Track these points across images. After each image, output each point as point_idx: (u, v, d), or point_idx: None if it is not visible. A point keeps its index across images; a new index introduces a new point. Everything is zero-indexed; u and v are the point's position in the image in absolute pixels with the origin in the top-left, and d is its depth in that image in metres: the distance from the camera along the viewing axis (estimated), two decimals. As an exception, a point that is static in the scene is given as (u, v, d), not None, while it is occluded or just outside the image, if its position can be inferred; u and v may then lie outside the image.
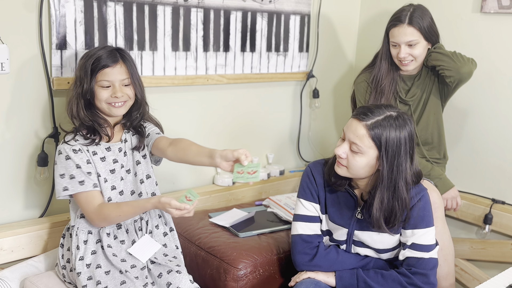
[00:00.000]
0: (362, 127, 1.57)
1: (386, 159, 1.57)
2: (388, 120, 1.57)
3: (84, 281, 1.65)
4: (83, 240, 1.70)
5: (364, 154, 1.59)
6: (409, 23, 2.12)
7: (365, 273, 1.69)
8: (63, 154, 1.67)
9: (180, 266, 1.74)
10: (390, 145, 1.56)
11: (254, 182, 1.67)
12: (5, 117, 1.88)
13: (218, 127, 2.50)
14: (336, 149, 1.63)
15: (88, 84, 1.68)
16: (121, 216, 1.66)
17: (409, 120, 1.61)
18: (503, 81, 2.39)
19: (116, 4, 2.02)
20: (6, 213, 1.95)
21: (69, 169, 1.66)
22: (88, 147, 1.71)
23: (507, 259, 2.38)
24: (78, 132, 1.72)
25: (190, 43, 2.26)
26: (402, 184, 1.59)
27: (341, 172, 1.66)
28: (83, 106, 1.70)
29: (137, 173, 1.80)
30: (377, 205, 1.61)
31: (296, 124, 2.81)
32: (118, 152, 1.77)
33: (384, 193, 1.60)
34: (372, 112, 1.58)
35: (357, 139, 1.58)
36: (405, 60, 2.17)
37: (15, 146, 1.92)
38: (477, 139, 2.46)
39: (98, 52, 1.70)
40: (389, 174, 1.58)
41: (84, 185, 1.66)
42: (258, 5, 2.46)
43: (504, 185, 2.43)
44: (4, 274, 1.80)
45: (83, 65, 1.70)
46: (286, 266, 1.97)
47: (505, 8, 2.32)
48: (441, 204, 1.99)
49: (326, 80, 2.87)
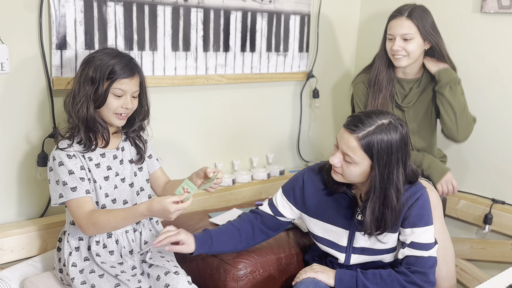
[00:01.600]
0: (354, 139, 1.57)
1: (378, 169, 1.59)
2: (379, 130, 1.57)
3: (78, 285, 1.65)
4: (74, 247, 1.70)
5: (358, 164, 1.60)
6: (408, 16, 2.13)
7: (363, 275, 1.69)
8: (57, 160, 1.64)
9: (178, 267, 1.73)
10: (381, 155, 1.57)
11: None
12: (5, 117, 1.88)
13: (218, 127, 2.50)
14: (331, 159, 1.65)
15: (103, 89, 1.65)
16: (111, 220, 1.59)
17: (401, 124, 1.61)
18: (503, 81, 2.39)
19: (116, 4, 2.02)
20: (6, 213, 1.95)
21: (62, 176, 1.63)
22: (83, 153, 1.68)
23: (507, 259, 2.38)
24: (73, 137, 1.68)
25: (190, 43, 2.26)
26: (393, 193, 1.61)
27: (338, 178, 1.68)
28: (92, 108, 1.67)
29: (134, 184, 1.79)
30: (369, 216, 1.63)
31: (296, 124, 2.81)
32: (112, 159, 1.75)
33: (375, 203, 1.62)
34: (363, 123, 1.57)
35: (350, 151, 1.59)
36: (397, 53, 2.16)
37: (15, 146, 1.92)
38: (477, 139, 2.46)
39: (115, 59, 1.66)
40: (380, 184, 1.60)
41: (77, 192, 1.62)
42: (258, 5, 2.46)
43: (504, 185, 2.43)
44: (4, 274, 1.80)
45: (98, 68, 1.65)
46: (286, 266, 1.97)
47: (505, 8, 2.32)
48: (439, 203, 1.98)
49: (326, 80, 2.87)
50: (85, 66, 1.68)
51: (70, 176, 1.63)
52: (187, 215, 2.23)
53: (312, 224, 1.82)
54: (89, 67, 1.66)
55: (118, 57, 1.68)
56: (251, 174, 2.59)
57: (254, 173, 2.61)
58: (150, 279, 1.70)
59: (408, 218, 1.67)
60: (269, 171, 2.65)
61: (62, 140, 1.69)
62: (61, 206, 2.03)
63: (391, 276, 1.67)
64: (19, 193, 1.96)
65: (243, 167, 2.64)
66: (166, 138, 2.30)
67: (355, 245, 1.75)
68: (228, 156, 2.58)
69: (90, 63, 1.67)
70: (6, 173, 1.92)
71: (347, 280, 1.69)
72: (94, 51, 1.73)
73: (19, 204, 1.97)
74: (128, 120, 1.76)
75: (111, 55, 1.68)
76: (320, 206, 1.79)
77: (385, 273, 1.69)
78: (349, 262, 1.77)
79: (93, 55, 1.70)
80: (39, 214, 2.02)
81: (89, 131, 1.69)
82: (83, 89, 1.65)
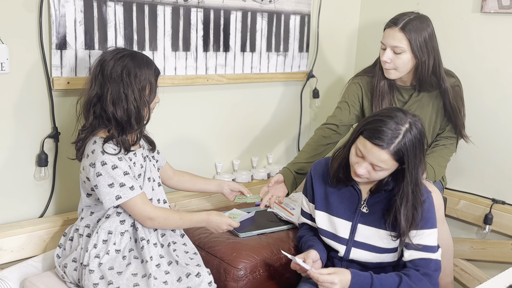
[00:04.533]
0: (385, 153, 1.58)
1: (409, 174, 1.61)
2: (406, 136, 1.58)
3: (96, 279, 1.64)
4: (102, 240, 1.70)
5: (388, 170, 1.63)
6: (402, 28, 2.03)
7: (378, 279, 1.67)
8: (109, 165, 1.65)
9: (200, 266, 1.74)
10: (411, 159, 1.60)
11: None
12: (4, 117, 1.88)
13: (218, 127, 2.50)
14: (358, 170, 1.64)
15: (154, 87, 1.74)
16: (180, 220, 1.77)
17: (418, 121, 1.62)
18: (503, 81, 2.39)
19: (116, 4, 2.02)
20: (6, 213, 1.95)
21: (118, 178, 1.65)
22: (123, 154, 1.71)
23: (507, 259, 2.38)
24: (110, 140, 1.69)
25: (190, 43, 2.26)
26: (419, 192, 1.64)
27: (362, 181, 1.71)
28: (148, 106, 1.73)
29: (150, 179, 1.82)
30: (404, 221, 1.64)
31: (296, 124, 2.81)
32: (141, 158, 1.78)
33: (408, 206, 1.64)
34: (386, 134, 1.57)
35: (381, 163, 1.60)
36: (385, 64, 2.09)
37: (15, 145, 1.92)
38: (477, 139, 2.46)
39: (148, 59, 1.74)
40: (412, 188, 1.63)
41: (135, 190, 1.68)
42: (258, 5, 2.46)
43: (504, 185, 2.43)
44: (4, 274, 1.80)
45: (149, 76, 1.71)
46: (286, 266, 1.97)
47: (505, 8, 2.32)
48: (442, 204, 1.99)
49: (326, 80, 2.87)
50: (127, 72, 1.68)
51: (125, 177, 1.67)
52: (187, 215, 2.24)
53: (318, 217, 1.84)
54: (144, 75, 1.70)
55: (142, 55, 1.75)
56: (251, 174, 2.59)
57: (254, 173, 2.61)
58: (171, 280, 1.68)
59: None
60: (269, 171, 2.65)
61: (105, 144, 1.67)
62: (62, 206, 2.05)
63: (402, 281, 1.66)
64: (19, 193, 1.96)
65: (243, 167, 2.64)
66: (166, 138, 2.30)
67: (356, 239, 1.76)
68: (228, 156, 2.58)
69: (135, 68, 1.69)
70: (6, 173, 1.92)
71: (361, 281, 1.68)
72: (115, 56, 1.70)
73: (19, 204, 1.97)
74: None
75: (139, 56, 1.74)
76: (326, 198, 1.82)
77: (396, 277, 1.68)
78: (348, 255, 1.77)
79: (126, 60, 1.70)
80: (39, 214, 2.02)
81: (123, 132, 1.70)
82: (141, 94, 1.70)
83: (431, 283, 1.67)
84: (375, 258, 1.76)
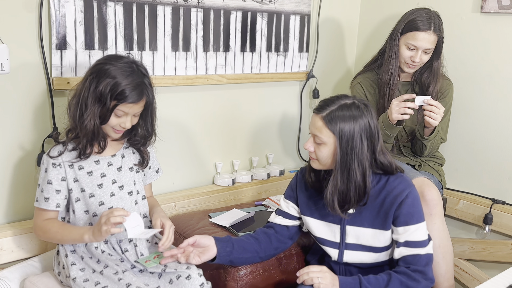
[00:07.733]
0: (319, 119, 1.66)
1: (340, 144, 1.64)
2: (341, 108, 1.64)
3: (81, 283, 1.64)
4: (70, 250, 1.71)
5: (326, 144, 1.66)
6: (434, 31, 2.15)
7: (366, 280, 1.67)
8: (44, 166, 1.68)
9: (190, 269, 1.67)
10: (344, 131, 1.63)
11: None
12: (4, 117, 1.88)
13: (218, 127, 2.50)
14: (305, 144, 1.72)
15: (109, 107, 1.60)
16: (58, 233, 1.66)
17: (365, 104, 1.67)
18: (503, 81, 2.39)
19: (116, 4, 2.02)
20: (6, 213, 1.95)
21: (42, 182, 1.68)
22: (73, 162, 1.67)
23: (507, 259, 2.38)
24: (67, 144, 1.67)
25: (190, 43, 2.26)
26: (356, 168, 1.64)
27: (315, 165, 1.73)
28: (98, 123, 1.64)
29: (133, 192, 1.77)
30: (330, 189, 1.67)
31: (296, 124, 2.82)
32: (107, 166, 1.73)
33: (338, 176, 1.66)
34: (327, 104, 1.67)
35: (317, 131, 1.66)
36: (416, 64, 2.20)
37: (15, 145, 1.92)
38: (477, 139, 2.46)
39: (127, 80, 1.60)
40: (342, 158, 1.64)
41: (47, 203, 1.67)
42: (258, 5, 2.46)
43: (504, 185, 2.43)
44: (4, 274, 1.80)
45: (108, 86, 1.58)
46: (286, 266, 1.97)
47: (505, 8, 2.32)
48: (440, 201, 1.98)
49: (326, 80, 2.87)
50: (96, 76, 1.61)
51: (47, 185, 1.67)
52: (187, 215, 2.24)
53: (308, 222, 1.84)
54: (99, 79, 1.60)
55: (131, 77, 1.61)
56: (251, 174, 2.59)
57: (254, 173, 2.61)
58: (163, 284, 1.65)
59: (399, 216, 1.68)
60: (269, 171, 2.65)
61: (55, 146, 1.69)
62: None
63: (391, 278, 1.66)
64: (19, 193, 1.96)
65: (243, 167, 2.65)
66: (166, 138, 2.30)
67: (347, 241, 1.76)
68: (228, 156, 2.58)
69: (102, 75, 1.60)
70: (6, 173, 1.92)
71: (350, 283, 1.68)
72: (109, 60, 1.65)
73: (19, 204, 1.97)
74: (133, 133, 1.77)
75: (125, 73, 1.61)
76: (310, 203, 1.82)
77: (385, 276, 1.68)
78: (342, 259, 1.78)
79: (107, 66, 1.62)
80: (39, 214, 2.02)
81: (88, 141, 1.67)
82: (92, 106, 1.61)
83: (424, 278, 1.67)
84: (370, 258, 1.76)
